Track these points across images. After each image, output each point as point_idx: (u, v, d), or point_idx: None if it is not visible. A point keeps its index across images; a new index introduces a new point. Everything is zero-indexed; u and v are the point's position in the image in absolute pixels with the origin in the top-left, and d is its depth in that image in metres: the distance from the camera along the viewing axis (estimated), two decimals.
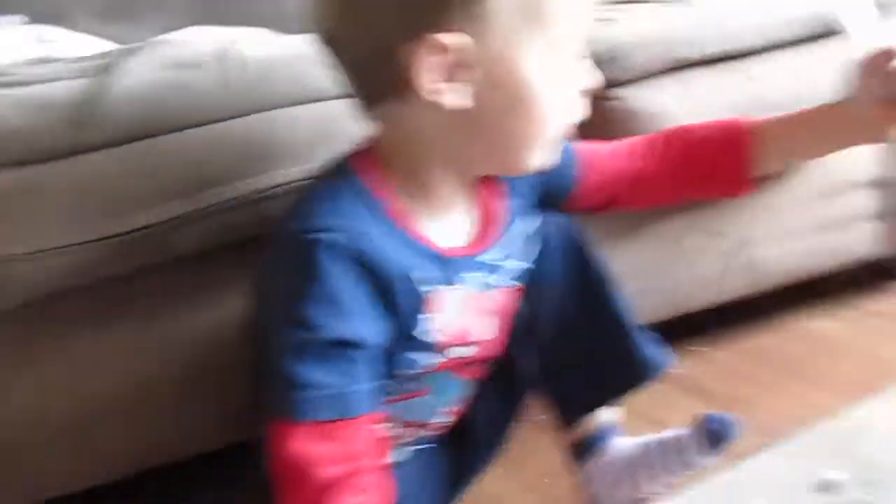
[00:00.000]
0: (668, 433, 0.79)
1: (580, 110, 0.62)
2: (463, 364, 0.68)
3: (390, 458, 0.70)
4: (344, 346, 0.55)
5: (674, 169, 0.74)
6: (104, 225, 0.69)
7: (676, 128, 0.76)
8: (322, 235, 0.55)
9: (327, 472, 0.53)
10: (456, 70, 0.55)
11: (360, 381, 0.56)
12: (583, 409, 0.78)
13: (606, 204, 0.76)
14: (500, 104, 0.57)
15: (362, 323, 0.56)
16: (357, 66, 0.58)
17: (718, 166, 0.72)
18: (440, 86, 0.55)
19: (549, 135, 0.60)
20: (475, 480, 0.82)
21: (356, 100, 0.62)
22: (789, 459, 0.90)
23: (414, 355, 0.62)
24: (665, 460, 0.76)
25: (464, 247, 0.65)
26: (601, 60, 0.91)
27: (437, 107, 0.56)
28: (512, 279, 0.68)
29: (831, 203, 1.20)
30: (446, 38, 0.53)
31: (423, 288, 0.60)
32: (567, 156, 0.71)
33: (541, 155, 0.62)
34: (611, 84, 0.93)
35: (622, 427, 0.82)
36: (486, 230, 0.66)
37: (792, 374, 1.09)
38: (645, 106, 0.94)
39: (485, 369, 0.72)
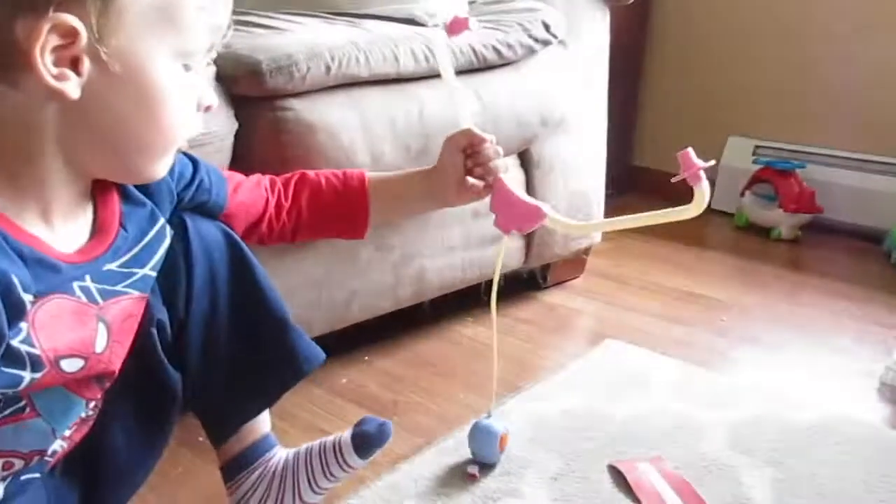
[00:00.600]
0: (325, 438, 0.80)
1: (198, 125, 0.63)
2: (76, 381, 0.61)
3: None
4: None
5: (306, 212, 0.80)
6: None
7: (305, 174, 0.82)
8: None
9: None
10: (81, 57, 0.51)
11: None
12: (236, 421, 0.76)
13: (249, 233, 0.78)
14: (126, 103, 0.55)
15: None
16: None
17: (342, 215, 0.82)
18: (64, 71, 0.51)
19: (169, 144, 0.59)
20: None
21: None
22: (441, 458, 0.97)
23: (13, 371, 0.54)
24: (322, 465, 0.78)
25: (77, 252, 0.59)
26: (272, 69, 0.90)
27: (55, 96, 0.51)
28: (134, 288, 0.64)
29: (486, 221, 1.33)
30: (76, 22, 0.50)
31: (26, 296, 0.53)
32: (217, 176, 0.74)
33: (159, 164, 0.60)
34: (281, 94, 0.93)
35: (271, 440, 0.80)
36: (101, 236, 0.61)
37: (448, 378, 1.18)
38: (317, 118, 0.95)
39: (103, 387, 0.65)
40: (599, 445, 1.00)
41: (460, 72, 1.14)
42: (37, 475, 0.64)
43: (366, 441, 0.78)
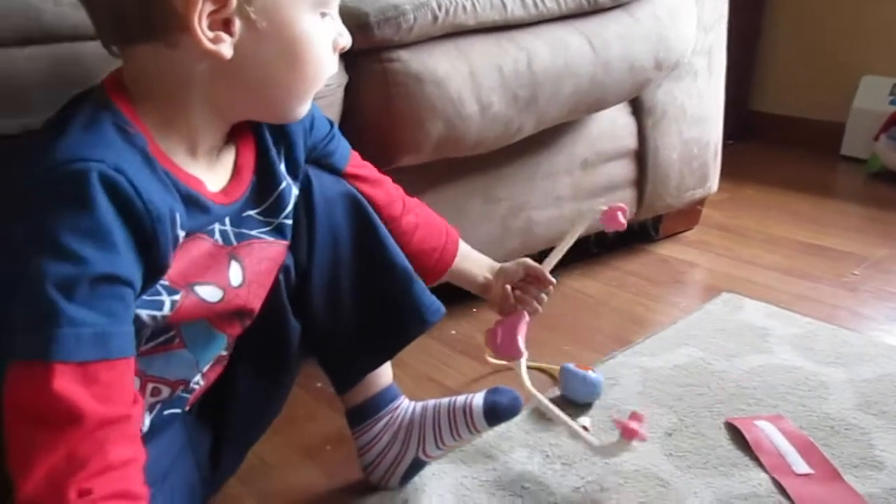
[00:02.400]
0: (455, 398, 0.81)
1: (335, 66, 0.65)
2: (218, 315, 0.65)
3: (146, 419, 0.66)
4: (111, 283, 0.51)
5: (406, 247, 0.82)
6: None
7: (424, 223, 0.86)
8: (91, 165, 0.50)
9: (99, 410, 0.49)
10: (233, 20, 0.55)
11: (124, 322, 0.52)
12: (360, 371, 0.79)
13: None
14: (272, 56, 0.58)
15: (127, 260, 0.52)
16: (116, 3, 0.55)
17: (431, 264, 0.87)
18: (219, 34, 0.55)
19: (311, 88, 0.63)
20: (242, 450, 0.79)
21: (105, 35, 0.58)
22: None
23: (152, 297, 0.58)
24: (450, 424, 0.80)
25: (221, 192, 0.63)
26: (380, 20, 0.90)
27: (207, 54, 0.55)
28: (269, 234, 0.68)
29: (594, 172, 1.30)
30: None
31: (180, 231, 0.57)
32: (344, 144, 0.78)
33: (301, 107, 0.64)
34: (389, 45, 0.92)
35: (395, 391, 0.83)
36: (239, 180, 0.65)
37: (554, 330, 1.17)
38: (425, 68, 0.94)
39: (244, 325, 0.70)
40: (715, 402, 0.97)
41: (569, 16, 1.10)
42: (178, 411, 0.70)
43: (497, 412, 0.80)
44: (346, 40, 0.64)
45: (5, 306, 0.50)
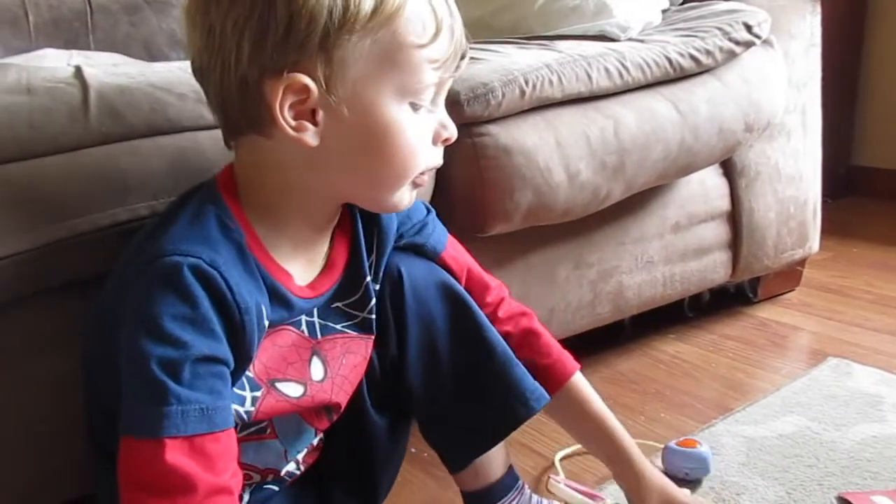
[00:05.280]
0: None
1: (437, 159, 0.65)
2: (307, 410, 0.68)
3: (245, 495, 0.69)
4: (211, 363, 0.55)
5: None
6: None
7: (526, 335, 0.80)
8: (187, 260, 0.55)
9: (209, 480, 0.52)
10: (317, 109, 0.58)
11: (225, 397, 0.56)
12: (467, 456, 0.77)
13: None
14: (357, 143, 0.60)
15: (221, 344, 0.56)
16: (221, 96, 0.59)
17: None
18: (302, 123, 0.58)
19: (401, 177, 0.63)
20: None
21: (220, 130, 0.63)
22: None
23: (235, 390, 0.61)
24: None
25: (308, 286, 0.66)
26: (469, 98, 0.94)
27: (296, 143, 0.58)
28: (353, 329, 0.70)
29: (685, 234, 1.28)
30: (307, 79, 0.56)
31: (266, 323, 0.61)
32: (441, 230, 0.78)
33: (396, 195, 0.64)
34: (479, 121, 0.96)
35: (514, 476, 0.82)
36: (330, 273, 0.68)
37: (650, 396, 1.15)
38: (513, 141, 0.98)
39: (331, 419, 0.72)
40: (825, 474, 0.92)
41: (655, 83, 1.11)
42: (275, 488, 0.73)
43: None
44: (450, 132, 0.64)
45: (117, 385, 0.54)
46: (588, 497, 0.80)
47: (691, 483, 0.92)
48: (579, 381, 0.80)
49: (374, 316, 0.71)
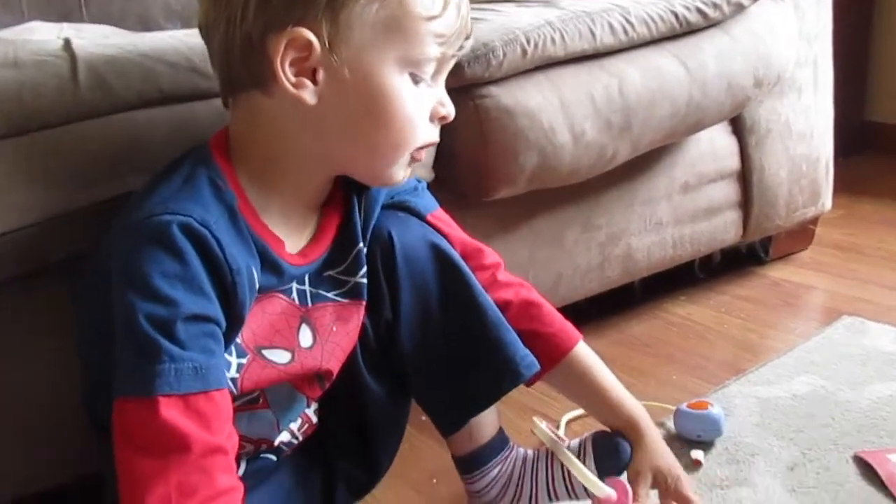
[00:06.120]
0: (569, 445, 0.79)
1: (432, 135, 0.64)
2: (298, 378, 0.67)
3: (242, 464, 0.69)
4: (201, 322, 0.55)
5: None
6: None
7: (527, 306, 0.77)
8: (178, 217, 0.54)
9: (205, 438, 0.52)
10: (317, 68, 0.57)
11: (217, 356, 0.56)
12: (459, 418, 0.77)
13: None
14: (355, 108, 0.60)
15: (212, 303, 0.56)
16: (224, 51, 0.59)
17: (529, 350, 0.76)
18: (302, 80, 0.57)
19: (398, 148, 0.62)
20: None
21: (219, 89, 0.63)
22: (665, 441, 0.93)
23: (225, 355, 0.60)
24: (564, 477, 0.77)
25: (299, 253, 0.65)
26: (470, 58, 0.92)
27: (296, 102, 0.58)
28: (345, 296, 0.69)
29: (695, 195, 1.26)
30: (310, 35, 0.56)
31: (257, 286, 0.60)
32: (430, 197, 0.77)
33: (392, 168, 0.63)
34: (480, 82, 0.94)
35: (504, 437, 0.81)
36: (320, 240, 0.67)
37: (660, 359, 1.13)
38: (516, 102, 0.95)
39: (323, 387, 0.71)
40: (840, 434, 0.91)
41: (661, 39, 1.08)
42: (273, 457, 0.72)
43: (605, 470, 0.76)
44: (447, 111, 0.64)
45: (112, 356, 0.54)
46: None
47: (703, 445, 0.91)
48: (582, 350, 0.78)
49: (365, 280, 0.70)
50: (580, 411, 0.98)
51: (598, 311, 1.25)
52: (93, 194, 0.69)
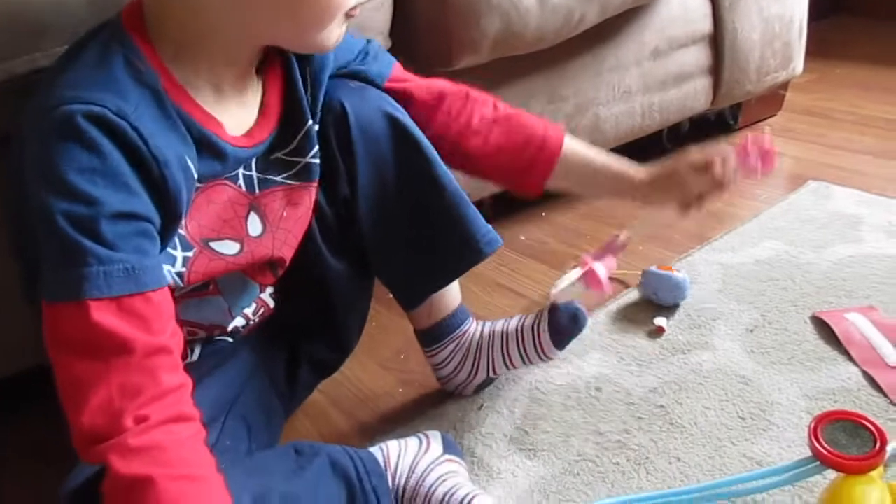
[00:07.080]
0: (522, 320, 0.80)
1: None
2: (251, 266, 0.65)
3: (196, 350, 0.68)
4: (130, 219, 0.51)
5: (491, 160, 0.75)
6: None
7: (504, 116, 0.75)
8: (87, 107, 0.49)
9: (146, 339, 0.49)
10: None
11: (152, 256, 0.52)
12: (420, 294, 0.76)
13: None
14: None
15: (142, 200, 0.52)
16: None
17: (526, 173, 0.76)
18: None
19: (331, 10, 0.56)
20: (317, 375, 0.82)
21: None
22: (626, 311, 0.95)
23: (169, 249, 0.57)
24: (519, 348, 0.79)
25: (245, 135, 0.61)
26: None
27: None
28: (295, 179, 0.65)
29: (665, 61, 1.22)
30: None
31: (195, 176, 0.56)
32: (385, 57, 0.72)
33: (324, 33, 0.58)
34: None
35: (464, 313, 0.81)
36: (266, 119, 0.62)
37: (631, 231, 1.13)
38: None
39: (276, 274, 0.69)
40: (800, 295, 0.93)
41: None
42: (229, 339, 0.71)
43: (561, 335, 0.78)
44: None
45: (34, 248, 0.50)
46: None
47: (667, 311, 0.93)
48: (568, 139, 0.76)
49: (317, 161, 0.66)
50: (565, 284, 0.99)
51: None
52: (12, 67, 0.63)
